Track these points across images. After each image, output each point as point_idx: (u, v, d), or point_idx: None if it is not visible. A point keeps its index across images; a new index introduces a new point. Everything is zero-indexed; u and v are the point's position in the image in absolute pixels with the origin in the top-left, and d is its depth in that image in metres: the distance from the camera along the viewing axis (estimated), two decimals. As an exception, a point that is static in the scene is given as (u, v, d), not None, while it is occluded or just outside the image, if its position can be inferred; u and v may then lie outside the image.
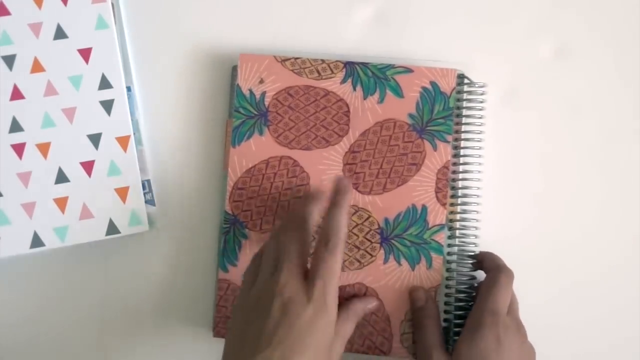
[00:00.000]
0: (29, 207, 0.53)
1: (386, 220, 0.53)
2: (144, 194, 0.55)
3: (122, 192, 0.54)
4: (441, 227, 0.53)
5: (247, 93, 0.54)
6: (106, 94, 0.54)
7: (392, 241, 0.53)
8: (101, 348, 0.55)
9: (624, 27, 0.57)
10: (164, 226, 0.56)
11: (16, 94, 0.53)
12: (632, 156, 0.56)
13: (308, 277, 0.45)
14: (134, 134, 0.54)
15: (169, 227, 0.56)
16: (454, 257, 0.53)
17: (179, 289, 0.56)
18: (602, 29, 0.57)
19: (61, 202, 0.53)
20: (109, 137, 0.54)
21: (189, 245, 0.56)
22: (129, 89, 0.55)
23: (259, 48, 0.56)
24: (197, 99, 0.56)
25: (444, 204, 0.53)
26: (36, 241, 0.53)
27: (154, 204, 0.55)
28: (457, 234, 0.53)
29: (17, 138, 0.53)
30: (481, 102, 0.54)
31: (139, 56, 0.56)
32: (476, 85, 0.54)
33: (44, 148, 0.53)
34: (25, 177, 0.53)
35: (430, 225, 0.53)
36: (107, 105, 0.54)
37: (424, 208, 0.53)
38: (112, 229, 0.54)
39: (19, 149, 0.53)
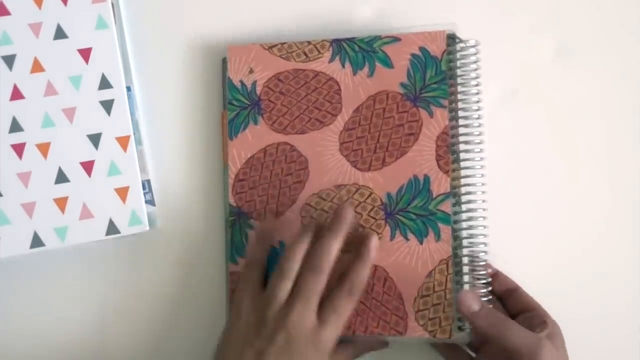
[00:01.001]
0: (29, 207, 0.53)
1: (388, 195, 0.52)
2: (144, 193, 0.54)
3: (122, 192, 0.54)
4: (446, 195, 0.51)
5: (238, 84, 0.54)
6: (106, 94, 0.54)
7: (397, 216, 0.52)
8: (102, 348, 0.55)
9: (625, 27, 0.57)
10: (164, 226, 0.55)
11: (16, 94, 0.53)
12: (634, 155, 0.56)
13: (321, 316, 0.47)
14: (134, 134, 0.54)
15: (169, 227, 0.55)
16: (462, 225, 0.51)
17: (185, 287, 0.55)
18: (603, 28, 0.57)
19: (61, 202, 0.53)
20: (109, 137, 0.54)
21: (193, 243, 0.55)
22: (129, 89, 0.55)
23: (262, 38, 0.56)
24: (197, 98, 0.57)
25: (446, 172, 0.51)
26: (36, 241, 0.53)
27: (154, 204, 0.55)
28: (463, 200, 0.51)
29: (17, 138, 0.53)
30: (475, 61, 0.52)
31: (139, 56, 0.56)
32: (468, 44, 0.52)
33: (44, 148, 0.53)
34: (25, 177, 0.53)
35: (434, 195, 0.51)
36: (107, 105, 0.54)
37: (427, 178, 0.51)
38: (112, 229, 0.53)
39: (19, 149, 0.53)
